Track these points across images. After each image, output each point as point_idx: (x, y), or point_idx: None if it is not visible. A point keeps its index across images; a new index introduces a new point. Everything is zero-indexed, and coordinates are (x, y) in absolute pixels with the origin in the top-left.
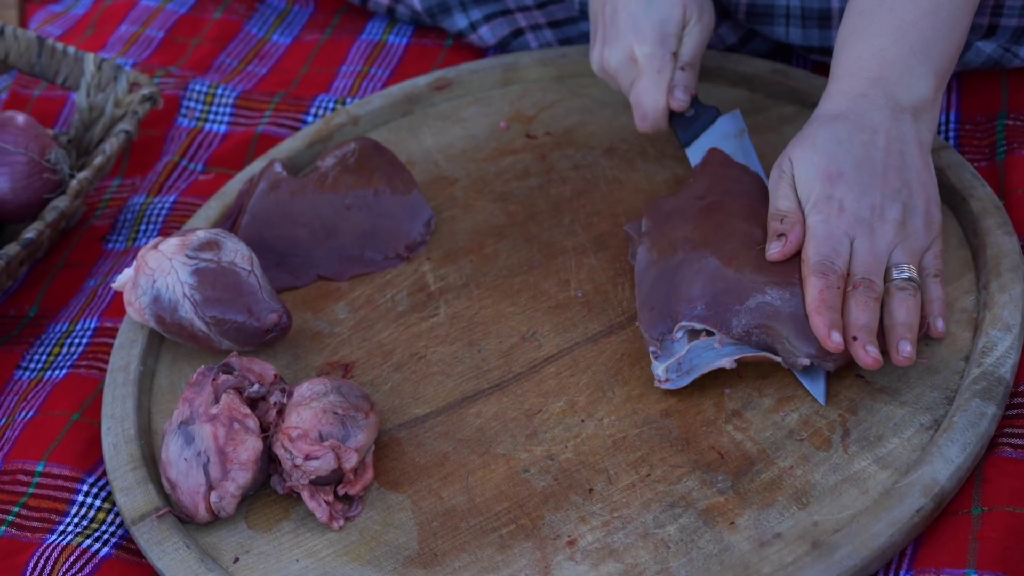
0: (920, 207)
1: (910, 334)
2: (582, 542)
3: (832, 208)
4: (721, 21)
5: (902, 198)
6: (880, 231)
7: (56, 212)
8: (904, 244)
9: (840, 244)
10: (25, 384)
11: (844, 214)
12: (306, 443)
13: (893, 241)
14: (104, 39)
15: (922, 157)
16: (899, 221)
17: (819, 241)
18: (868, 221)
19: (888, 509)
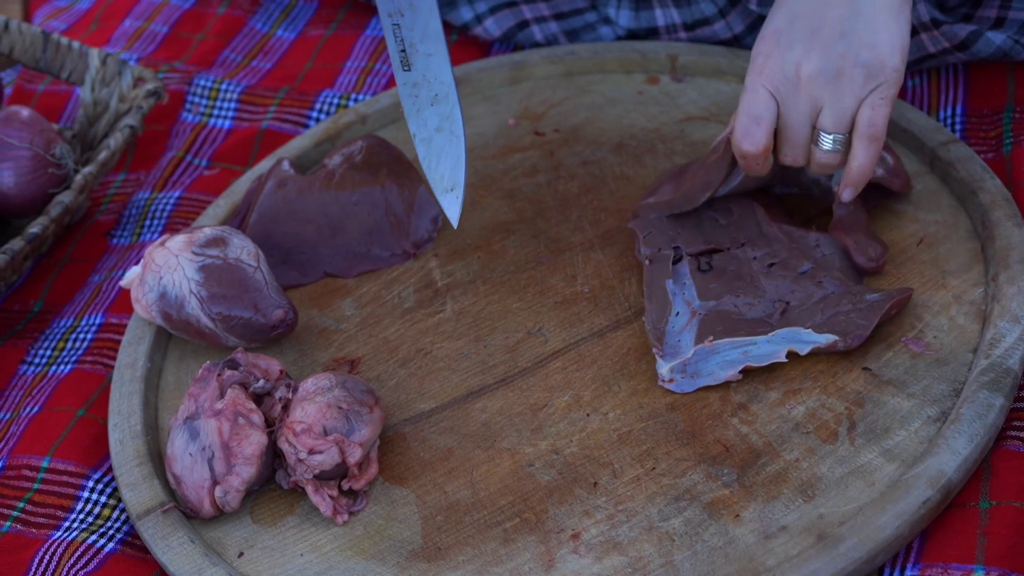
0: (863, 55)
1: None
2: (586, 536)
3: (761, 67)
4: (730, 8)
5: (839, 49)
6: (805, 89)
7: (61, 207)
8: (835, 103)
9: (764, 110)
10: (30, 379)
11: (770, 73)
12: (310, 438)
13: (819, 99)
14: (108, 34)
15: (886, 7)
16: (827, 76)
17: (742, 111)
18: (792, 80)
19: (894, 501)
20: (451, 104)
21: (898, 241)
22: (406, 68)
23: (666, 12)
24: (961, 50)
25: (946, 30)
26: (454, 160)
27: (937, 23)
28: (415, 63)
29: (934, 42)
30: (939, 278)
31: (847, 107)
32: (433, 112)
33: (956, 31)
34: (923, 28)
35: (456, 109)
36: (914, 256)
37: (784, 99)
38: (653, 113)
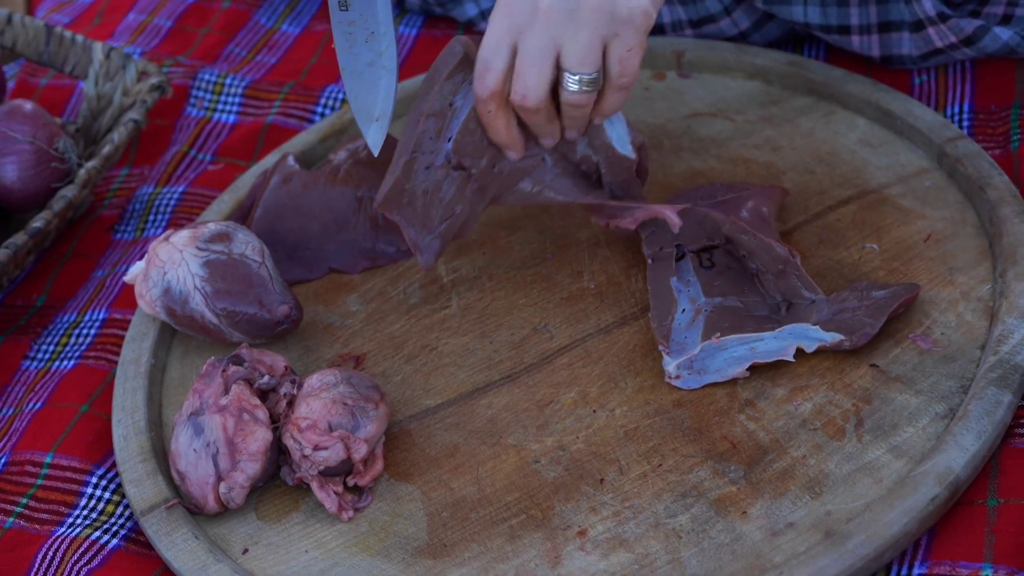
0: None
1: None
2: (592, 532)
3: (500, 11)
4: (736, 5)
5: None
6: (544, 24)
7: (64, 201)
8: (575, 40)
9: (495, 53)
10: (33, 374)
11: (508, 12)
12: (315, 434)
13: (558, 38)
14: (112, 28)
15: None
16: (569, 10)
17: (479, 53)
18: (529, 13)
19: (902, 498)
20: (387, 41)
21: (905, 237)
22: (343, 8)
23: (672, 9)
24: (968, 45)
25: (953, 24)
26: (385, 91)
27: (944, 17)
28: (352, 4)
29: (941, 36)
30: (947, 275)
31: (587, 44)
32: (366, 48)
33: (963, 26)
34: (930, 22)
35: (392, 46)
36: (922, 252)
37: (521, 35)
38: (659, 109)
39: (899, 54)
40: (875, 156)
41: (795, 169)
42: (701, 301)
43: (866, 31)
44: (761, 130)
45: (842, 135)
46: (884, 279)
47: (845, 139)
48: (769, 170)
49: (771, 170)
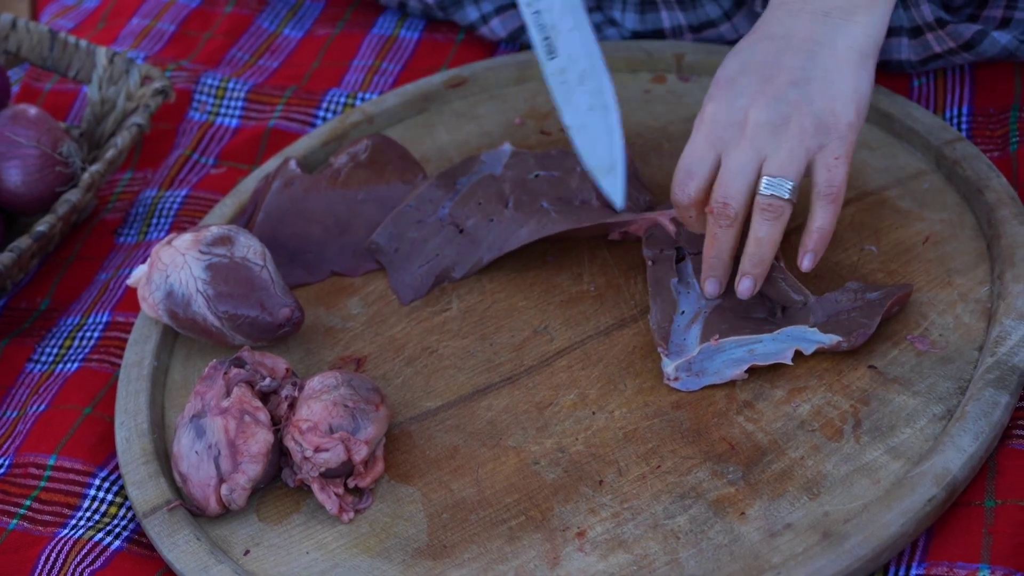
0: (817, 104)
1: (755, 270)
2: (591, 533)
3: (703, 117)
4: (736, 10)
5: (790, 97)
6: (751, 136)
7: (68, 205)
8: (779, 151)
9: (698, 163)
10: (37, 377)
11: (716, 120)
12: (316, 435)
13: (764, 149)
14: (116, 32)
15: (847, 58)
16: (776, 123)
17: (681, 162)
18: (739, 124)
19: (900, 499)
20: (599, 76)
21: (904, 239)
22: (552, 56)
23: (672, 14)
24: (967, 50)
25: (951, 30)
26: (608, 137)
27: (942, 23)
28: (559, 47)
29: (939, 42)
30: (945, 276)
31: (792, 153)
32: (583, 91)
33: (961, 31)
34: (928, 28)
35: (605, 80)
36: (920, 254)
37: (726, 147)
38: (659, 112)
39: (898, 59)
40: (873, 158)
41: None
42: (701, 303)
43: None
44: None
45: None
46: (883, 281)
47: None
48: None
49: None
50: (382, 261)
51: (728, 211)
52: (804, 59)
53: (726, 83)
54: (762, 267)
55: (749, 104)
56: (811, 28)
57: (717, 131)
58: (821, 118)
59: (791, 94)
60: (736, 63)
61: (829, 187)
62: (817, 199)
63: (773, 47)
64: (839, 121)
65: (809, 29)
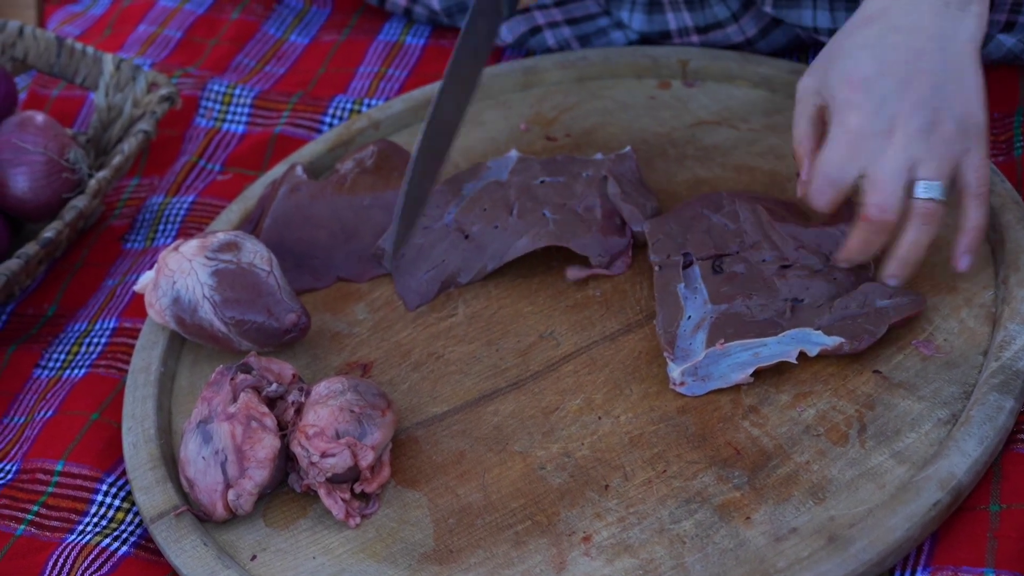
0: (956, 110)
1: (902, 271)
2: (597, 538)
3: (850, 119)
4: (743, 12)
5: (932, 103)
6: (901, 144)
7: (75, 211)
8: (931, 156)
9: (840, 172)
10: (44, 383)
11: (860, 128)
12: (322, 441)
13: (915, 155)
14: (122, 39)
15: (967, 52)
16: (923, 130)
17: (820, 170)
18: (886, 133)
19: (905, 503)
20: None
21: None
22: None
23: (679, 16)
24: None
25: None
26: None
27: None
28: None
29: None
30: (949, 281)
31: (945, 159)
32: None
33: None
34: None
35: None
36: (925, 258)
37: (872, 153)
38: (664, 118)
39: None
40: None
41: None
42: (708, 308)
43: None
44: (765, 138)
45: None
46: None
47: None
48: (773, 178)
49: (775, 178)
50: (388, 267)
51: (887, 216)
52: (937, 58)
53: (865, 86)
54: (911, 269)
55: (895, 112)
56: (936, 22)
57: (864, 140)
58: (962, 122)
59: (933, 99)
60: (871, 61)
61: (980, 187)
62: (970, 199)
63: (904, 43)
64: (977, 123)
65: (934, 22)
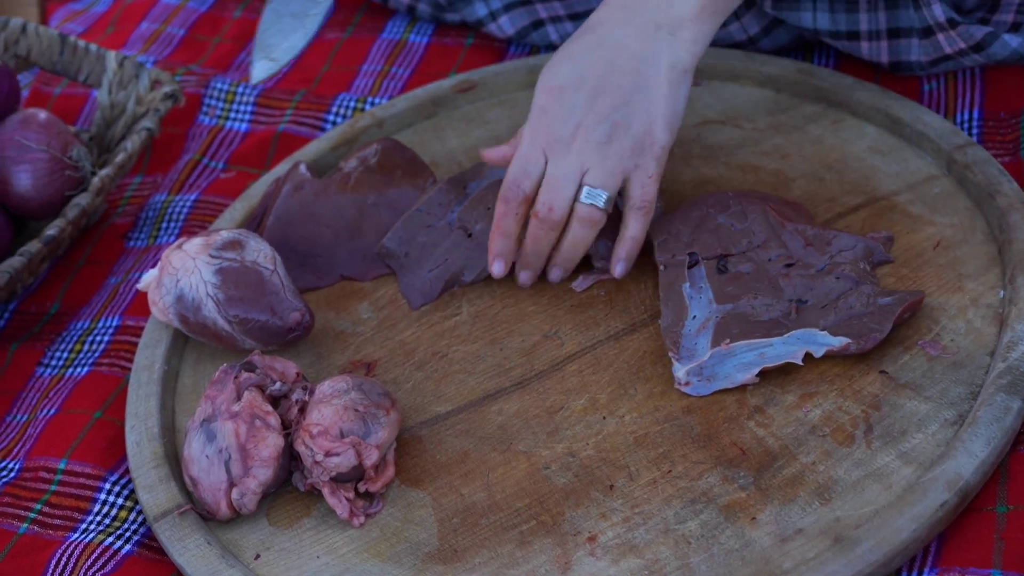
0: (636, 127)
1: (566, 264)
2: (602, 538)
3: (541, 123)
4: (745, 11)
5: (615, 118)
6: (578, 151)
7: (78, 209)
8: (601, 166)
9: (532, 165)
10: (47, 381)
11: (548, 131)
12: (326, 440)
13: (587, 163)
14: (125, 37)
15: (665, 75)
16: (601, 142)
17: (515, 161)
18: (568, 140)
19: (911, 504)
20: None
21: (915, 244)
22: None
23: None
24: (977, 51)
25: (962, 31)
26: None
27: (953, 23)
28: None
29: (950, 42)
30: (956, 281)
31: (611, 170)
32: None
33: (972, 32)
34: (939, 28)
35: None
36: (931, 259)
37: (553, 157)
38: None
39: (908, 60)
40: (884, 163)
41: (804, 176)
42: (713, 308)
43: (875, 37)
44: (770, 138)
45: (851, 142)
46: (894, 286)
47: (854, 146)
48: (778, 177)
49: (780, 177)
50: (392, 266)
51: (553, 215)
52: (630, 79)
53: (557, 93)
54: (571, 264)
55: (579, 123)
56: (640, 43)
57: (549, 141)
58: (639, 141)
59: (616, 115)
60: (568, 71)
61: (642, 201)
62: (631, 211)
63: (604, 59)
64: (655, 144)
65: (638, 44)
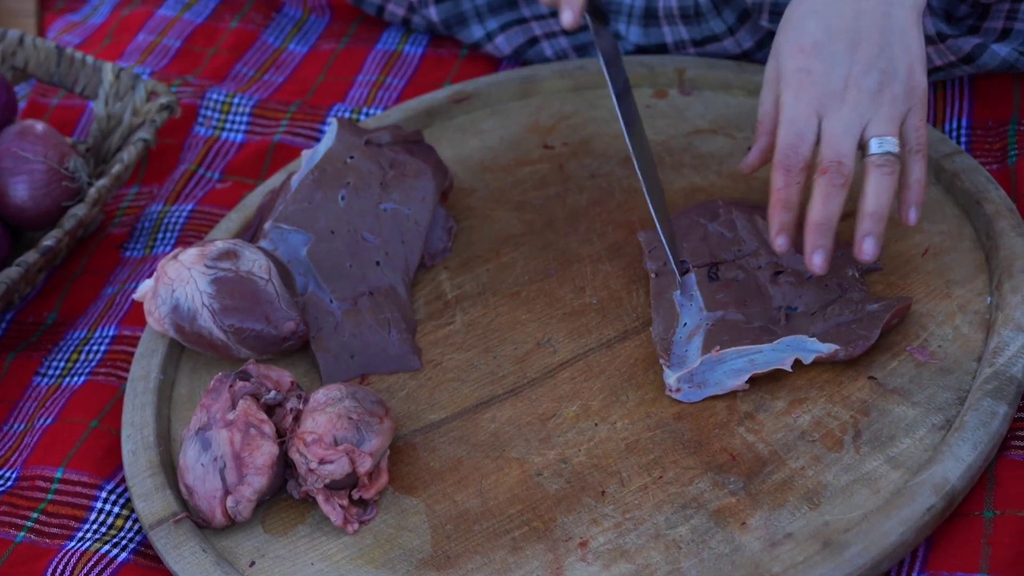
0: (901, 72)
1: (878, 227)
2: (594, 544)
3: (804, 81)
4: (739, 25)
5: (880, 64)
6: (853, 102)
7: (74, 220)
8: (880, 113)
9: (806, 126)
10: (44, 391)
11: (814, 88)
12: (321, 448)
13: (867, 112)
14: (122, 48)
15: (910, 18)
16: (874, 90)
17: (785, 126)
18: (840, 93)
19: (899, 508)
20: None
21: (903, 251)
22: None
23: (675, 29)
24: (967, 63)
25: (951, 44)
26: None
27: (943, 37)
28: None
29: (940, 55)
30: (944, 287)
31: (891, 117)
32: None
33: (961, 45)
34: (929, 42)
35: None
36: (919, 266)
37: (827, 112)
38: (661, 126)
39: None
40: None
41: None
42: (703, 315)
43: None
44: None
45: None
46: (882, 292)
47: None
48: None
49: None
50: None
51: (843, 169)
52: (882, 23)
53: (814, 49)
54: (882, 224)
55: (847, 73)
56: None
57: (820, 98)
58: (907, 84)
59: (880, 61)
60: (817, 26)
61: (919, 144)
62: (911, 156)
63: (849, 8)
64: (919, 86)
65: None
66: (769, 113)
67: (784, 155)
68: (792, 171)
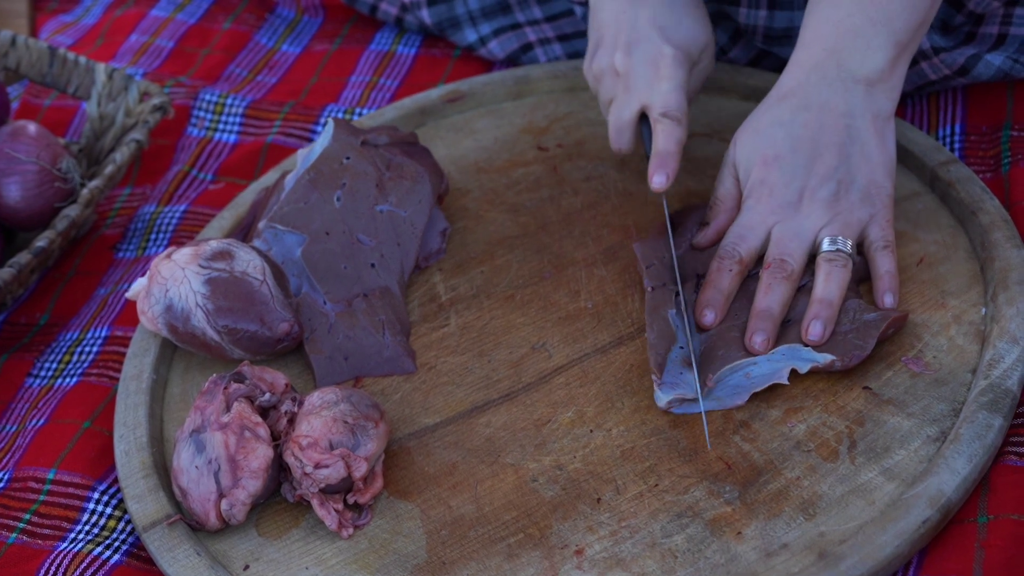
0: (859, 181)
1: (825, 312)
2: (590, 551)
3: (763, 193)
4: (732, 45)
5: (838, 176)
6: (806, 211)
7: (67, 220)
8: (836, 220)
9: (752, 231)
10: (36, 392)
11: (771, 200)
12: (316, 452)
13: (820, 220)
14: (114, 49)
15: (873, 128)
16: (829, 200)
17: (736, 225)
18: (794, 204)
19: (894, 520)
20: None
21: (898, 260)
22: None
23: None
24: (962, 75)
25: (945, 57)
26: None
27: (937, 51)
28: None
29: (934, 70)
30: (939, 298)
31: (847, 222)
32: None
33: (955, 58)
34: (923, 57)
35: None
36: (914, 276)
37: (781, 220)
38: None
39: None
40: None
41: None
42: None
43: None
44: None
45: None
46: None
47: None
48: None
49: None
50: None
51: (786, 266)
52: (843, 135)
53: (776, 161)
54: (830, 310)
55: (802, 186)
56: (844, 100)
57: (775, 209)
58: (866, 192)
59: (838, 173)
60: (782, 138)
61: (885, 241)
62: (878, 252)
63: (813, 120)
64: (881, 191)
65: (842, 100)
66: (729, 192)
67: (723, 248)
68: (724, 261)
